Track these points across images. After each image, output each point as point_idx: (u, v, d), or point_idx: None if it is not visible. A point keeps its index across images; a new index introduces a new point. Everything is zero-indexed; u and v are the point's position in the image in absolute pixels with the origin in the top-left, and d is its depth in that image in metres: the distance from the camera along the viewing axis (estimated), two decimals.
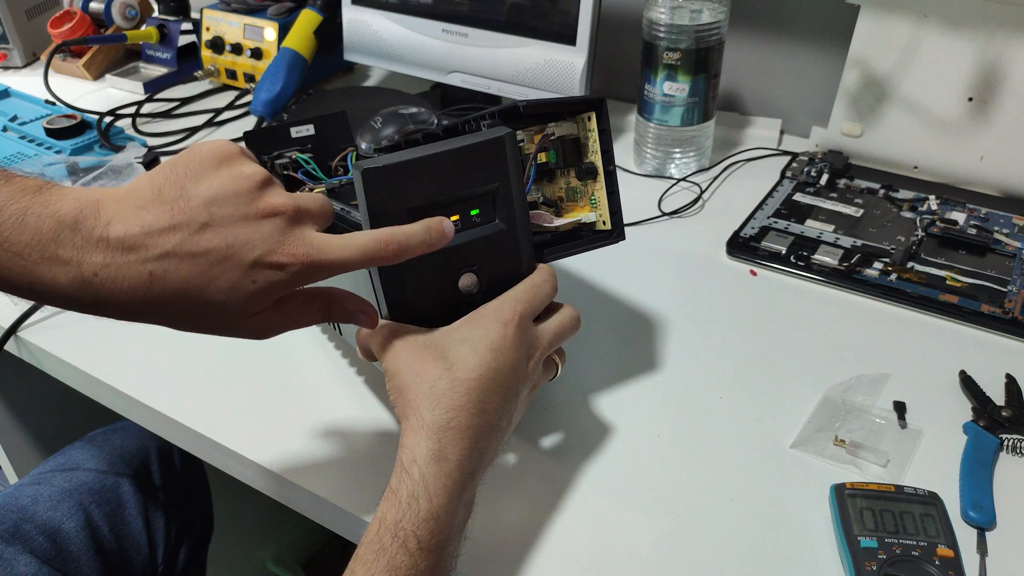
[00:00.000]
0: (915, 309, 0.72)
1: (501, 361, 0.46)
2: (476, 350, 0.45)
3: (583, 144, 0.58)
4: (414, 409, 0.43)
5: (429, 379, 0.44)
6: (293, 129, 0.70)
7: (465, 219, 0.50)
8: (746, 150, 0.98)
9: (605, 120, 0.55)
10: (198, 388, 0.65)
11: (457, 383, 0.44)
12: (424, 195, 0.48)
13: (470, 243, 0.50)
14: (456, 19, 0.96)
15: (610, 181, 0.57)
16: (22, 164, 0.96)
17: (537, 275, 0.51)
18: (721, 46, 0.88)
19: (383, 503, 0.42)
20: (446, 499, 0.42)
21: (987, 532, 0.52)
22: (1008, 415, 0.59)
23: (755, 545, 0.52)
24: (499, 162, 0.50)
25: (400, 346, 0.46)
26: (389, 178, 0.46)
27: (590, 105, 0.55)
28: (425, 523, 0.40)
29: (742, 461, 0.58)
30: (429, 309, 0.49)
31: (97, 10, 1.23)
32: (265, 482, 0.60)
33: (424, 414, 0.43)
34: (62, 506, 0.73)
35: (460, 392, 0.44)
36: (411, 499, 0.41)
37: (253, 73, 1.14)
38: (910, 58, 0.86)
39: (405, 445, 0.43)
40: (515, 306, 0.48)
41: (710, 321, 0.71)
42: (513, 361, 0.47)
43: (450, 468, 0.42)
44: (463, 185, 0.49)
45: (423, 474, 0.41)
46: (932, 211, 0.84)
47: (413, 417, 0.43)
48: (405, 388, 0.44)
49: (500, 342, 0.46)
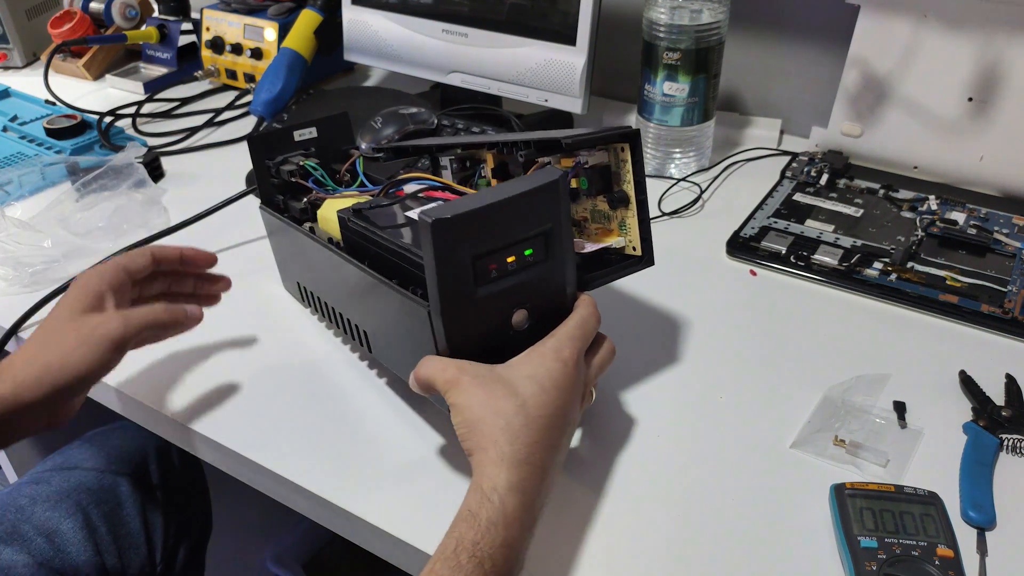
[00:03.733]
0: (915, 309, 0.72)
1: (564, 399, 0.48)
2: (544, 387, 0.48)
3: (613, 172, 0.59)
4: (492, 442, 0.46)
5: (505, 415, 0.46)
6: (296, 132, 0.70)
7: (520, 259, 0.51)
8: (746, 150, 0.98)
9: (639, 151, 0.57)
10: (197, 388, 0.65)
11: (531, 420, 0.46)
12: (487, 241, 0.49)
13: (526, 282, 0.51)
14: (456, 19, 0.96)
15: (642, 209, 0.58)
16: (22, 164, 0.96)
17: (584, 309, 0.53)
18: (721, 46, 0.88)
19: (461, 524, 0.44)
20: (520, 530, 0.44)
21: (987, 532, 0.52)
22: (1008, 415, 0.59)
23: (755, 545, 0.52)
24: (554, 203, 0.51)
25: (469, 382, 0.48)
26: (456, 228, 0.47)
27: (625, 137, 0.56)
28: (500, 549, 0.43)
29: (742, 461, 0.58)
30: (483, 345, 0.51)
31: (97, 10, 1.23)
32: (265, 482, 0.60)
33: (504, 448, 0.45)
34: (60, 506, 0.73)
35: (535, 428, 0.46)
36: (490, 524, 0.43)
37: (253, 73, 1.14)
38: (910, 58, 0.86)
39: (486, 474, 0.45)
40: (573, 344, 0.50)
41: (710, 321, 0.71)
42: (573, 399, 0.49)
43: (527, 501, 0.45)
44: (522, 228, 0.50)
45: (503, 503, 0.44)
46: (932, 211, 0.84)
47: (492, 450, 0.45)
48: (480, 422, 0.46)
49: (563, 380, 0.49)
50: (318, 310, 0.70)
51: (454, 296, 0.48)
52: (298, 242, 0.68)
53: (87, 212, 0.83)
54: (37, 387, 0.52)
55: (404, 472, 0.57)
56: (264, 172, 0.71)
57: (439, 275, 0.47)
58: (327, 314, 0.68)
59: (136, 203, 0.85)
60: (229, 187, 0.86)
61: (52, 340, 0.54)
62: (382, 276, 0.55)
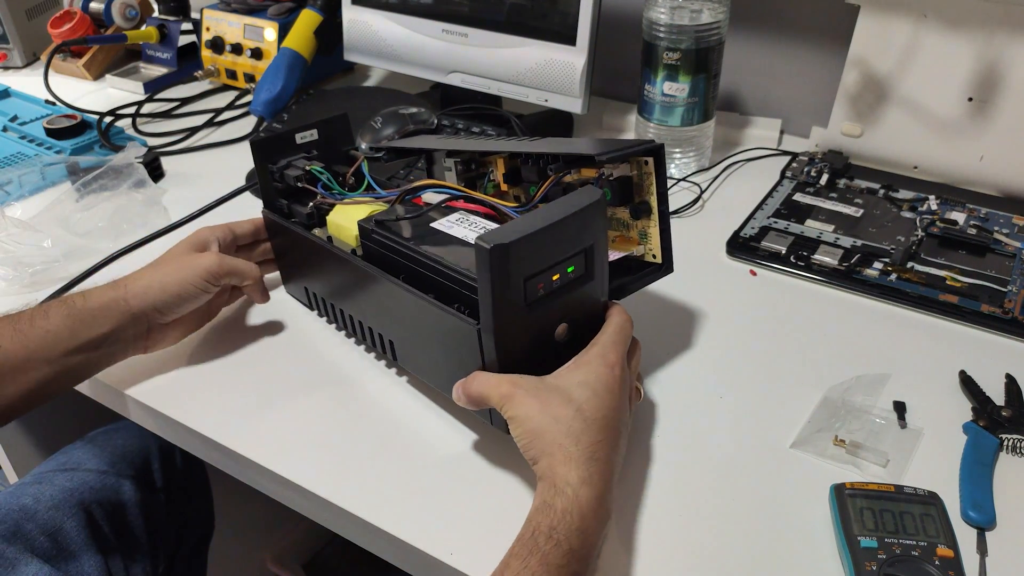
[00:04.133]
0: (915, 309, 0.72)
1: (616, 400, 0.51)
2: (596, 392, 0.50)
3: (636, 184, 0.61)
4: (558, 446, 0.48)
5: (564, 421, 0.49)
6: (298, 135, 0.70)
7: (563, 276, 0.53)
8: (746, 150, 0.98)
9: (662, 165, 0.59)
10: (198, 388, 0.65)
11: (590, 422, 0.49)
12: (537, 263, 0.51)
13: (568, 297, 0.53)
14: (456, 19, 0.96)
15: (663, 220, 0.61)
16: (22, 164, 0.96)
17: (618, 316, 0.56)
18: (721, 46, 0.88)
19: (536, 514, 0.46)
20: (594, 520, 0.46)
21: (987, 532, 0.52)
22: (1008, 415, 0.59)
23: (755, 545, 0.52)
24: (595, 221, 0.53)
25: (523, 395, 0.50)
26: (513, 253, 0.48)
27: (649, 151, 0.58)
28: (577, 534, 0.45)
29: (742, 461, 0.58)
30: (528, 358, 0.53)
31: (97, 10, 1.23)
32: (265, 482, 0.60)
33: (570, 448, 0.48)
34: (63, 505, 0.73)
35: (594, 430, 0.49)
36: (565, 513, 0.45)
37: (253, 73, 1.14)
38: (910, 58, 0.86)
39: (557, 473, 0.47)
40: (616, 349, 0.53)
41: (710, 321, 0.71)
42: (623, 399, 0.52)
43: (598, 493, 0.47)
44: (568, 247, 0.52)
45: (576, 494, 0.46)
46: (932, 211, 0.84)
47: (559, 452, 0.48)
48: (542, 431, 0.49)
49: (612, 383, 0.51)
50: (330, 316, 0.70)
51: (506, 316, 0.50)
52: (308, 248, 0.68)
53: (87, 212, 0.83)
54: (143, 298, 0.62)
55: (404, 472, 0.57)
56: (267, 176, 0.70)
57: (494, 298, 0.49)
58: (340, 320, 0.68)
59: (136, 203, 0.85)
60: (229, 187, 0.86)
61: (160, 267, 0.65)
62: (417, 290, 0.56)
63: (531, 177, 0.64)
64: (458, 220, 0.61)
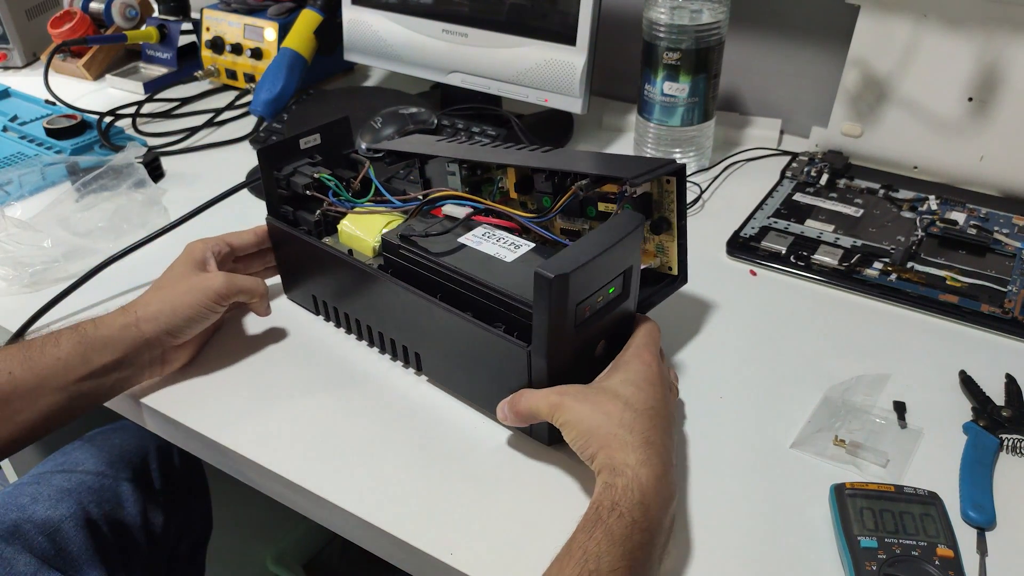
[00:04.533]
0: (915, 309, 0.72)
1: (659, 392, 0.53)
2: (640, 386, 0.53)
3: (655, 200, 0.64)
4: (613, 437, 0.50)
5: (615, 416, 0.51)
6: (301, 140, 0.70)
7: (605, 297, 0.56)
8: (746, 150, 0.98)
9: (683, 184, 0.62)
10: (198, 389, 0.65)
11: (639, 413, 0.51)
12: (588, 288, 0.53)
13: (608, 316, 0.56)
14: (456, 19, 0.96)
15: (681, 236, 0.64)
16: (22, 164, 0.96)
17: (645, 323, 0.59)
18: (721, 46, 0.88)
19: (600, 495, 0.48)
20: (655, 495, 0.47)
21: (987, 532, 0.52)
22: (1008, 415, 0.59)
23: (755, 545, 0.52)
24: (634, 244, 0.56)
25: (572, 401, 0.52)
26: (571, 282, 0.51)
27: (673, 172, 0.61)
28: (639, 507, 0.46)
29: (742, 461, 0.58)
30: (571, 373, 0.55)
31: (97, 10, 1.23)
32: (265, 482, 0.60)
33: (625, 437, 0.50)
34: (61, 505, 0.73)
35: (645, 419, 0.51)
36: (626, 490, 0.47)
37: (253, 73, 1.14)
38: (910, 58, 0.86)
39: (615, 459, 0.49)
40: (650, 348, 0.57)
41: (710, 321, 0.71)
42: (664, 391, 0.54)
43: (657, 473, 0.48)
44: (612, 270, 0.55)
45: (636, 473, 0.48)
46: (932, 211, 0.84)
47: (614, 442, 0.50)
48: (596, 429, 0.51)
49: (653, 377, 0.54)
50: (342, 324, 0.70)
51: (558, 339, 0.53)
52: (321, 259, 0.67)
53: (87, 212, 0.83)
54: (155, 323, 0.62)
55: (404, 471, 0.57)
56: (273, 183, 0.70)
57: (551, 325, 0.51)
58: (356, 329, 0.68)
59: (136, 203, 0.85)
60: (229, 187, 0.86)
61: (166, 289, 0.64)
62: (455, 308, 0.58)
63: (544, 188, 0.65)
64: (485, 235, 0.62)
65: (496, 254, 0.60)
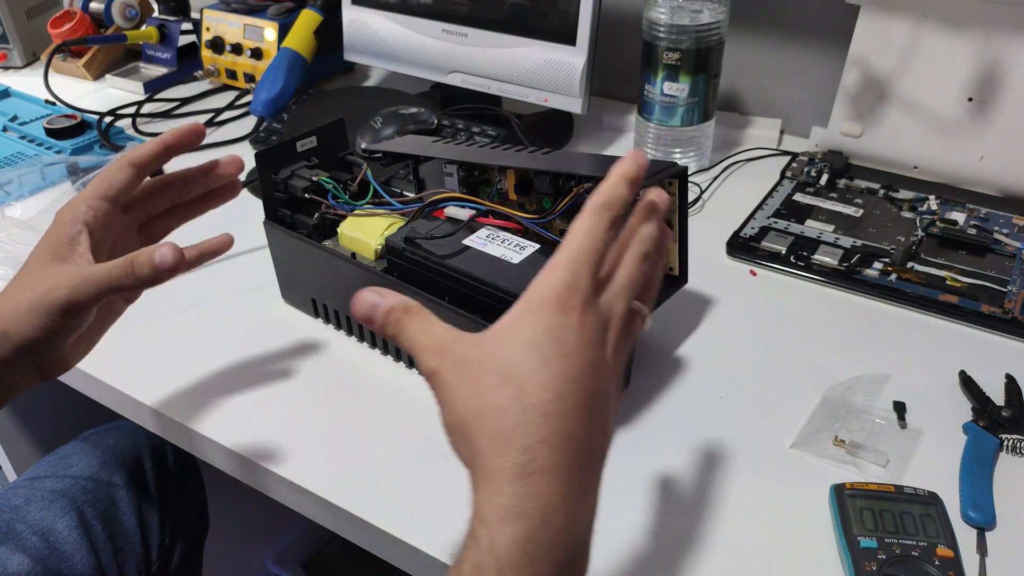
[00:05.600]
0: (915, 309, 0.72)
1: (577, 365, 0.35)
2: (546, 358, 0.35)
3: None
4: (480, 454, 0.34)
5: (494, 414, 0.34)
6: (298, 143, 0.70)
7: None
8: (746, 150, 0.98)
9: (685, 186, 0.62)
10: (197, 388, 0.65)
11: (529, 411, 0.34)
12: None
13: None
14: (456, 19, 0.96)
15: (683, 236, 0.64)
16: (22, 164, 0.96)
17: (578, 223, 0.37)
18: (721, 46, 0.88)
19: (463, 546, 0.34)
20: (528, 571, 0.32)
21: (987, 532, 0.52)
22: (1008, 415, 0.59)
23: (755, 545, 0.52)
24: None
25: (451, 372, 0.36)
26: None
27: (675, 175, 0.61)
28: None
29: (742, 461, 0.58)
30: None
31: (97, 10, 1.23)
32: (265, 482, 0.60)
33: (492, 461, 0.33)
34: (55, 505, 0.73)
35: (535, 423, 0.33)
36: (486, 553, 0.32)
37: (253, 73, 1.14)
38: (910, 58, 0.86)
39: (474, 500, 0.34)
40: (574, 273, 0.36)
41: (710, 321, 0.71)
42: (591, 358, 0.36)
43: (532, 528, 0.32)
44: None
45: (493, 540, 0.32)
46: (932, 211, 0.84)
47: (477, 465, 0.34)
48: (465, 427, 0.35)
49: (571, 336, 0.35)
50: (346, 329, 0.70)
51: None
52: (323, 263, 0.67)
53: None
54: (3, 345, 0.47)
55: (404, 471, 0.57)
56: (271, 187, 0.70)
57: None
58: (359, 332, 0.68)
59: None
60: None
61: (9, 298, 0.47)
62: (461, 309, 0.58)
63: (544, 189, 0.65)
64: (489, 237, 0.62)
65: (502, 256, 0.60)
